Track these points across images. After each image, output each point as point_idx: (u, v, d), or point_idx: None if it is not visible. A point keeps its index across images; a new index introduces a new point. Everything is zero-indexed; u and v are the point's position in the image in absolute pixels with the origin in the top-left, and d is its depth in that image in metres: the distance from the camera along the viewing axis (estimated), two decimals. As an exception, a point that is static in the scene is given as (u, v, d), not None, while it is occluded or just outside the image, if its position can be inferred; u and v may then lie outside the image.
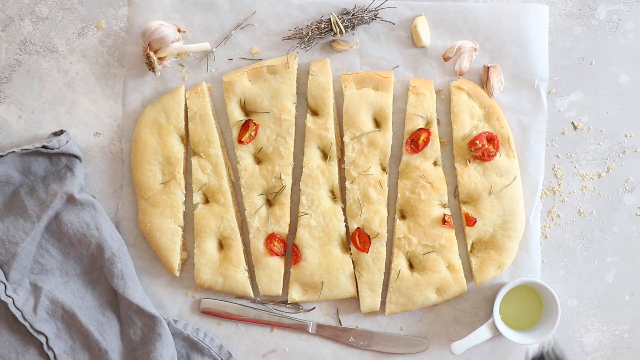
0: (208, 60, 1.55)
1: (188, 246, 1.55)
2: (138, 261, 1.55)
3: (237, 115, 1.51)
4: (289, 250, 1.54)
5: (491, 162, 1.49)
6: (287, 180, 1.51)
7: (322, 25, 1.51)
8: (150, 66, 1.49)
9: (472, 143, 1.49)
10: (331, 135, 1.50)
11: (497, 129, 1.49)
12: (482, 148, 1.48)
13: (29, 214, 1.47)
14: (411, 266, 1.52)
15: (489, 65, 1.51)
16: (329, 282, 1.51)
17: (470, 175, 1.49)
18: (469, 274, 1.53)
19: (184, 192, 1.53)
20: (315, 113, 1.52)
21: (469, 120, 1.50)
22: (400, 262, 1.50)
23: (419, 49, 1.54)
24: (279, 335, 1.54)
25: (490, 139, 1.49)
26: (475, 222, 1.49)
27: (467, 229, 1.50)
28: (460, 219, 1.53)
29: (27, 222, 1.47)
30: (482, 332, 1.49)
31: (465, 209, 1.50)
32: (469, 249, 1.51)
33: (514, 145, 1.51)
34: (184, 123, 1.53)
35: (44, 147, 1.46)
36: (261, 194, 1.51)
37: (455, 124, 1.50)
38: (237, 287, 1.52)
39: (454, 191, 1.53)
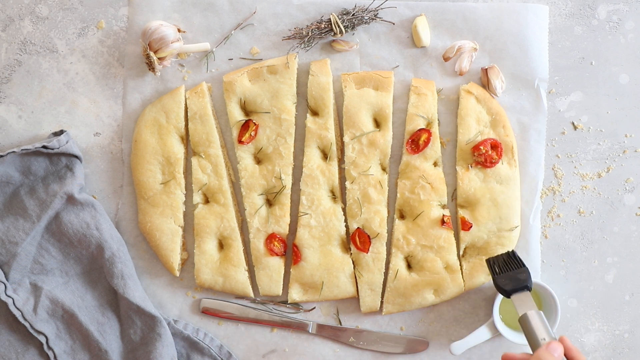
0: (208, 60, 1.55)
1: (188, 246, 1.55)
2: (138, 261, 1.55)
3: (237, 115, 1.51)
4: (289, 250, 1.54)
5: (493, 169, 1.49)
6: (287, 180, 1.51)
7: (322, 25, 1.51)
8: (150, 66, 1.49)
9: (476, 148, 1.48)
10: (331, 135, 1.50)
11: (502, 137, 1.49)
12: (486, 154, 1.48)
13: (29, 214, 1.47)
14: (409, 266, 1.52)
15: (486, 67, 1.51)
16: (329, 282, 1.51)
17: (471, 180, 1.49)
18: (469, 274, 1.54)
19: (184, 192, 1.53)
20: (315, 113, 1.52)
21: (475, 125, 1.50)
22: (398, 262, 1.50)
23: (419, 49, 1.54)
24: (279, 335, 1.55)
25: (495, 146, 1.49)
26: (471, 227, 1.49)
27: (462, 233, 1.50)
28: (457, 221, 1.53)
29: (27, 222, 1.47)
30: (482, 332, 1.49)
31: (462, 213, 1.50)
32: (461, 252, 1.51)
33: (517, 155, 1.51)
34: (184, 123, 1.53)
35: (44, 147, 1.46)
36: (261, 194, 1.52)
37: (461, 127, 1.50)
38: (237, 287, 1.52)
39: (452, 194, 1.53)
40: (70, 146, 1.49)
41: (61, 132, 1.52)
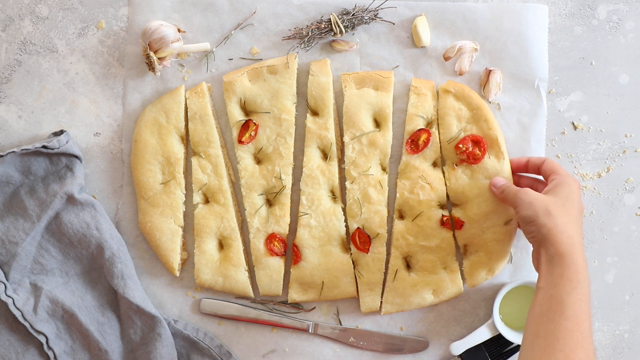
0: (208, 60, 1.55)
1: (188, 246, 1.55)
2: (138, 261, 1.55)
3: (237, 115, 1.51)
4: (289, 250, 1.54)
5: (479, 164, 1.47)
6: (287, 180, 1.51)
7: (322, 25, 1.51)
8: (150, 66, 1.49)
9: (456, 147, 1.47)
10: (331, 135, 1.50)
11: (485, 131, 1.47)
12: (467, 151, 1.46)
13: (29, 214, 1.47)
14: (409, 266, 1.52)
15: (491, 69, 1.51)
16: (329, 282, 1.51)
17: (458, 178, 1.48)
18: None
19: (184, 192, 1.53)
20: (315, 113, 1.52)
21: (456, 123, 1.48)
22: (397, 263, 1.50)
23: (419, 49, 1.54)
24: (279, 335, 1.55)
25: (477, 142, 1.46)
26: (463, 225, 1.48)
27: (457, 232, 1.49)
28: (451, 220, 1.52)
29: (27, 222, 1.47)
30: (482, 332, 1.49)
31: (454, 211, 1.50)
32: (461, 251, 1.51)
33: (505, 146, 1.49)
34: (184, 123, 1.53)
35: (44, 147, 1.46)
36: (261, 194, 1.52)
37: (441, 126, 1.49)
38: (237, 287, 1.52)
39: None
40: (70, 146, 1.49)
41: (61, 132, 1.52)
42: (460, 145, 1.46)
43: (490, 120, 1.47)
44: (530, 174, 1.48)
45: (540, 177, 1.48)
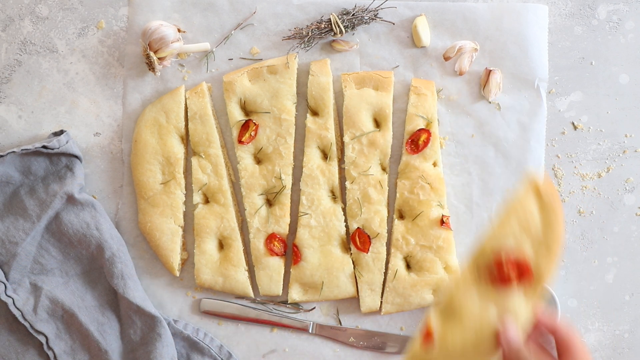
0: (208, 60, 1.55)
1: (188, 246, 1.55)
2: (138, 261, 1.55)
3: (237, 115, 1.51)
4: (289, 250, 1.54)
5: (502, 292, 1.11)
6: (287, 180, 1.51)
7: (322, 25, 1.51)
8: (150, 66, 1.49)
9: (497, 262, 1.10)
10: (331, 135, 1.50)
11: (540, 263, 1.10)
12: (505, 272, 1.10)
13: (29, 214, 1.47)
14: (408, 266, 1.52)
15: (490, 69, 1.51)
16: (329, 282, 1.51)
17: (469, 286, 1.13)
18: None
19: (184, 192, 1.53)
20: (315, 113, 1.52)
21: (517, 231, 1.11)
22: (397, 263, 1.50)
23: (419, 49, 1.54)
24: (279, 335, 1.55)
25: (522, 270, 1.09)
26: (431, 343, 1.12)
27: (421, 347, 1.14)
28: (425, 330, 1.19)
29: (27, 222, 1.47)
30: (482, 333, 1.49)
31: (433, 318, 1.14)
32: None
33: (539, 292, 1.12)
34: (184, 123, 1.53)
35: (44, 147, 1.47)
36: (261, 194, 1.52)
37: (502, 225, 1.11)
38: (237, 287, 1.52)
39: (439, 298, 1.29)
40: (70, 146, 1.49)
41: (61, 132, 1.52)
42: (503, 263, 1.11)
43: (554, 254, 1.10)
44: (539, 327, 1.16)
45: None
